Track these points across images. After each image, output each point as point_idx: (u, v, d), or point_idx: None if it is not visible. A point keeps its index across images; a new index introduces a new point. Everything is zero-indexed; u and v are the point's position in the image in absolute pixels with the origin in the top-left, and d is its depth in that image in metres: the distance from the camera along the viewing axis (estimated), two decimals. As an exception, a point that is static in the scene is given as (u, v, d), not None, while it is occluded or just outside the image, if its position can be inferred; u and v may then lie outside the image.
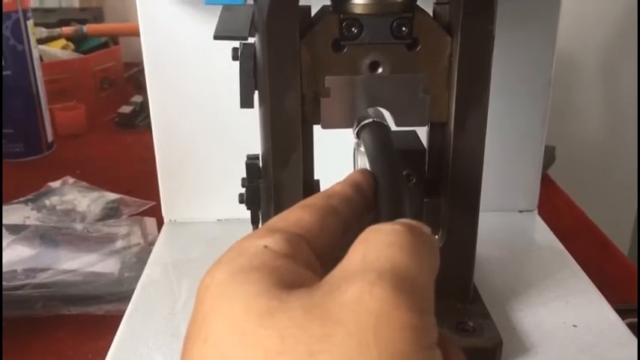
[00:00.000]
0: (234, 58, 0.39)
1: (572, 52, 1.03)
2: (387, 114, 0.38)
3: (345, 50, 0.37)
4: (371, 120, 0.35)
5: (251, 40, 0.39)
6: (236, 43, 0.39)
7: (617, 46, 1.09)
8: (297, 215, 0.24)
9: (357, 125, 0.36)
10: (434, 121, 0.40)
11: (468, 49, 0.36)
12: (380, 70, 0.37)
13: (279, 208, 0.39)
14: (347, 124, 0.38)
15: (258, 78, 0.38)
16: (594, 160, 1.11)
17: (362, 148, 0.35)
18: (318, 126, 0.39)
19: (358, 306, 0.18)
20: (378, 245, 0.21)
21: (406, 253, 0.20)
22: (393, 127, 0.38)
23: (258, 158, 0.42)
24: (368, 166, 0.32)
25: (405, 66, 0.37)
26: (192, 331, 0.20)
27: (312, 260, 0.22)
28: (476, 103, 0.38)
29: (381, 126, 0.35)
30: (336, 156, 0.47)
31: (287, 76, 0.36)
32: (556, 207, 0.68)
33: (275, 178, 0.39)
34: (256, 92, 0.39)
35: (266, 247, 0.22)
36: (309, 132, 0.40)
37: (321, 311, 0.18)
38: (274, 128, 0.38)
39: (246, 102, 0.38)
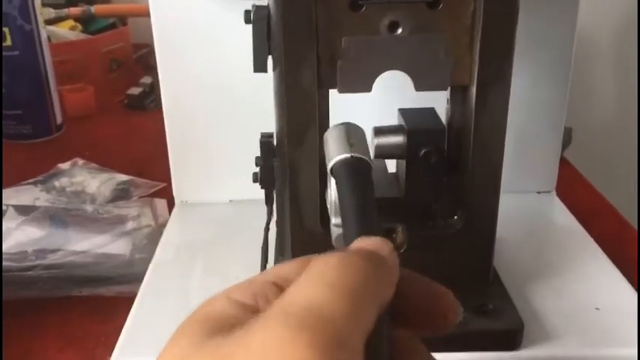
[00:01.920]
0: (247, 21, 0.37)
1: (587, 34, 1.01)
2: (406, 79, 0.37)
3: (364, 9, 0.35)
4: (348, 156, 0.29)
5: (264, 1, 0.38)
6: (248, 5, 0.38)
7: (632, 27, 1.06)
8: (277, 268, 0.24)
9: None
10: (455, 85, 0.38)
11: (492, 6, 0.35)
12: (399, 31, 0.36)
13: (294, 188, 0.38)
14: (365, 88, 0.37)
15: (272, 41, 0.37)
16: (610, 142, 1.09)
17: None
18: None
19: (259, 346, 0.17)
20: (308, 279, 0.19)
21: (329, 287, 0.19)
22: (413, 92, 0.37)
23: (272, 136, 0.41)
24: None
25: (425, 26, 0.36)
26: None
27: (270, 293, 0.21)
28: (500, 64, 0.36)
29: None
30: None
31: (302, 37, 0.35)
32: (573, 189, 0.67)
33: (290, 157, 0.38)
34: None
35: (229, 297, 0.22)
36: (325, 100, 0.39)
37: (227, 353, 0.18)
38: (290, 98, 0.37)
39: (259, 66, 0.37)
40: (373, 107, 0.43)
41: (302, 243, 0.40)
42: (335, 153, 0.29)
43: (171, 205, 0.59)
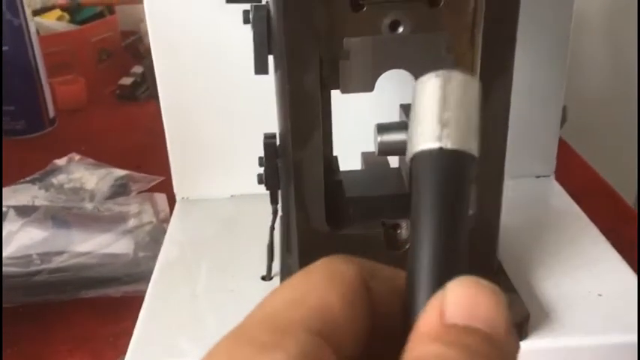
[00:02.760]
0: (246, 21, 0.37)
1: (578, 6, 1.01)
2: (408, 75, 0.37)
3: (364, 9, 0.35)
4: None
5: (263, 0, 0.37)
6: (247, 5, 0.38)
7: (621, 1, 1.06)
8: (320, 296, 0.17)
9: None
10: None
11: (493, 2, 0.35)
12: (400, 30, 0.36)
13: (299, 188, 0.39)
14: (367, 88, 0.37)
15: (273, 42, 0.36)
16: (605, 118, 1.10)
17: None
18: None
19: None
20: None
21: None
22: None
23: (275, 137, 0.41)
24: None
25: (426, 24, 0.36)
26: None
27: None
28: (502, 59, 0.36)
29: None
30: (353, 129, 0.47)
31: (305, 39, 0.35)
32: (571, 170, 0.67)
33: (295, 158, 0.38)
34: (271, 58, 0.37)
35: None
36: (328, 100, 0.39)
37: None
38: (293, 101, 0.36)
39: (260, 68, 0.37)
40: (375, 104, 0.43)
41: (309, 242, 0.40)
42: (417, 134, 0.19)
43: (171, 199, 0.59)
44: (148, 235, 0.57)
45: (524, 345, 0.38)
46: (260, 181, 0.41)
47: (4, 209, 0.58)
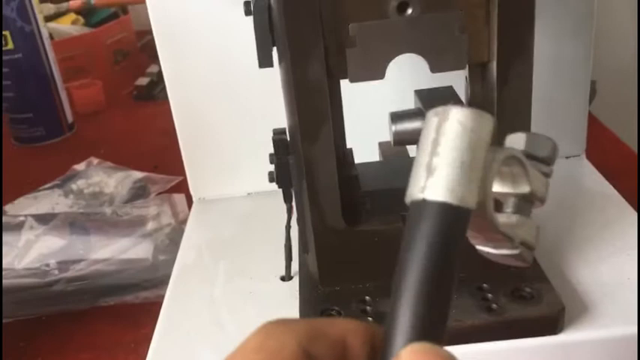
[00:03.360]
0: (247, 13, 0.35)
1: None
2: (418, 62, 0.35)
3: None
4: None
5: None
6: None
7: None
8: None
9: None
10: (473, 62, 0.36)
11: None
12: (409, 11, 0.34)
13: (312, 185, 0.37)
14: (377, 75, 0.35)
15: (275, 33, 0.35)
16: (634, 92, 1.05)
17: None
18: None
19: None
20: None
21: None
22: (428, 74, 0.35)
23: (284, 132, 0.39)
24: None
25: (437, 3, 0.33)
26: None
27: None
28: (521, 36, 0.34)
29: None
30: (366, 118, 0.45)
31: (307, 27, 0.33)
32: (602, 146, 0.64)
33: (306, 154, 0.36)
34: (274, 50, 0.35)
35: None
36: (337, 90, 0.37)
37: None
38: (299, 93, 0.35)
39: (264, 61, 0.35)
40: (387, 91, 0.41)
41: (325, 240, 0.38)
42: (410, 180, 0.18)
43: (189, 198, 0.58)
44: (167, 238, 0.56)
45: (560, 339, 0.36)
46: (271, 179, 0.39)
47: (22, 218, 0.57)
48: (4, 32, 0.77)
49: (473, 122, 0.18)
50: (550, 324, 0.36)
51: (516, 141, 0.23)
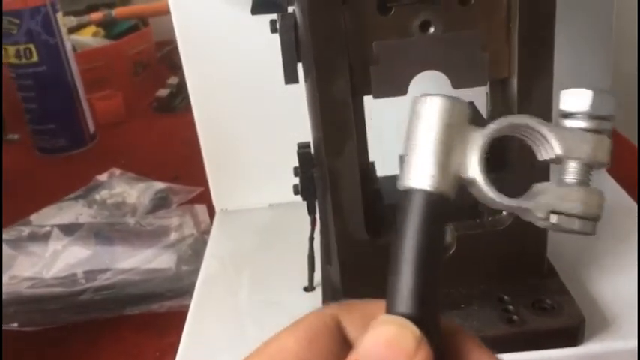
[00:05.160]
0: (273, 30, 0.36)
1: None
2: (442, 76, 0.36)
3: (393, 12, 0.34)
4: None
5: (289, 9, 0.37)
6: (274, 15, 0.37)
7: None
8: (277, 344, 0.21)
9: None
10: (494, 79, 0.37)
11: None
12: (432, 30, 0.34)
13: (336, 198, 0.38)
14: (400, 92, 0.36)
15: (301, 50, 0.36)
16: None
17: None
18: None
19: None
20: None
21: None
22: (450, 90, 0.36)
23: (309, 146, 0.40)
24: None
25: (458, 23, 0.34)
26: None
27: None
28: (541, 53, 0.35)
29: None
30: (388, 133, 0.45)
31: (332, 46, 0.34)
32: (622, 160, 0.64)
33: (330, 168, 0.37)
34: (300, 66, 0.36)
35: None
36: (361, 106, 0.38)
37: None
38: (324, 109, 0.36)
39: (290, 77, 0.36)
40: (408, 106, 0.42)
41: (348, 251, 0.39)
42: (407, 172, 0.20)
43: (211, 209, 0.59)
44: (190, 248, 0.57)
45: (580, 351, 0.37)
46: (296, 192, 0.40)
47: (48, 228, 0.59)
48: (29, 45, 0.79)
49: (444, 109, 0.20)
50: (570, 336, 0.36)
51: (579, 99, 0.22)
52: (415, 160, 0.20)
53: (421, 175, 0.20)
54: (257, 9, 0.37)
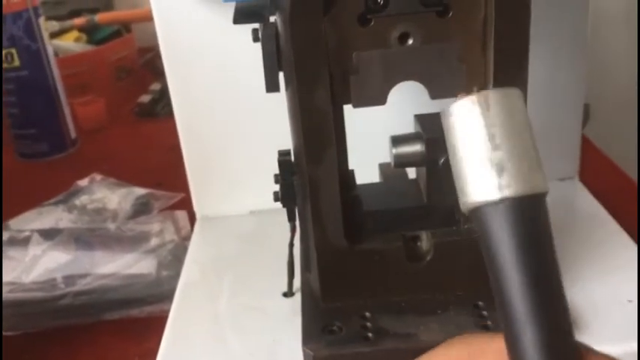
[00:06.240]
0: (255, 39, 0.37)
1: (596, 3, 0.99)
2: (419, 88, 0.36)
3: (372, 23, 0.35)
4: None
5: (272, 18, 0.37)
6: (256, 24, 0.38)
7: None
8: None
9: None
10: (470, 89, 0.38)
11: (503, 9, 0.34)
12: (410, 42, 0.35)
13: (316, 205, 0.38)
14: (379, 101, 0.37)
15: (283, 60, 0.36)
16: (629, 116, 1.07)
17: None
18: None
19: None
20: None
21: None
22: (428, 100, 0.37)
23: (289, 154, 0.41)
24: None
25: (436, 35, 0.35)
26: None
27: None
28: (516, 65, 0.36)
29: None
30: (368, 141, 0.46)
31: (313, 56, 0.35)
32: (596, 170, 0.66)
33: (310, 175, 0.37)
34: (281, 75, 0.37)
35: None
36: (340, 115, 0.39)
37: None
38: (305, 118, 0.36)
39: (271, 86, 0.37)
40: (389, 115, 0.43)
41: (327, 258, 0.40)
42: (467, 182, 0.17)
43: (192, 215, 0.59)
44: (170, 254, 0.57)
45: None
46: (276, 199, 0.41)
47: (27, 233, 0.58)
48: (11, 50, 0.79)
49: (515, 97, 0.17)
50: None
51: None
52: (513, 165, 0.16)
53: (533, 178, 0.16)
54: (239, 18, 0.37)
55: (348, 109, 0.39)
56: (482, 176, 0.16)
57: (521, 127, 0.17)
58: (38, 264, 0.54)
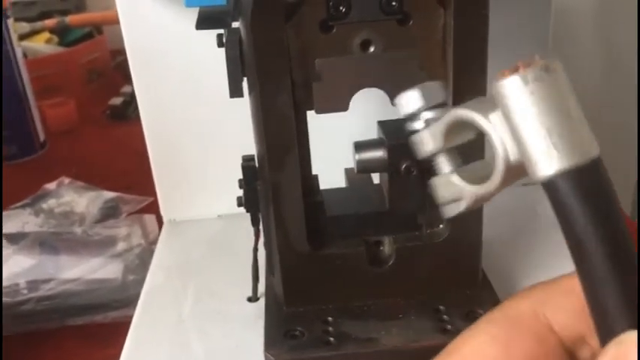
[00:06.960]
0: (220, 44, 0.37)
1: (562, 13, 1.00)
2: (382, 94, 0.37)
3: (334, 30, 0.35)
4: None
5: (234, 24, 0.37)
6: (220, 29, 0.38)
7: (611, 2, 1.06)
8: None
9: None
10: None
11: (461, 19, 0.35)
12: (372, 49, 0.36)
13: (278, 210, 0.38)
14: (341, 107, 0.37)
15: (246, 65, 0.36)
16: (598, 123, 1.09)
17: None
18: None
19: None
20: None
21: None
22: (390, 107, 0.37)
23: (253, 159, 0.41)
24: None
25: (397, 42, 0.36)
26: None
27: None
28: (474, 74, 0.36)
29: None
30: (332, 146, 0.46)
31: (275, 62, 0.35)
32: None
33: (273, 181, 0.38)
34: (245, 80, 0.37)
35: None
36: (303, 121, 0.39)
37: None
38: (267, 123, 0.36)
39: (235, 91, 0.37)
40: (353, 121, 0.43)
41: (290, 263, 0.40)
42: (530, 159, 0.18)
43: (160, 219, 0.59)
44: (137, 258, 0.57)
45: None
46: (240, 204, 0.41)
47: (-8, 238, 0.58)
48: (-23, 51, 0.78)
49: (558, 68, 0.18)
50: None
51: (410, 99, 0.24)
52: (570, 133, 0.17)
53: (591, 145, 0.18)
54: (202, 24, 0.37)
55: (313, 115, 0.39)
56: (539, 152, 0.18)
57: (569, 96, 0.18)
58: (2, 268, 0.53)
